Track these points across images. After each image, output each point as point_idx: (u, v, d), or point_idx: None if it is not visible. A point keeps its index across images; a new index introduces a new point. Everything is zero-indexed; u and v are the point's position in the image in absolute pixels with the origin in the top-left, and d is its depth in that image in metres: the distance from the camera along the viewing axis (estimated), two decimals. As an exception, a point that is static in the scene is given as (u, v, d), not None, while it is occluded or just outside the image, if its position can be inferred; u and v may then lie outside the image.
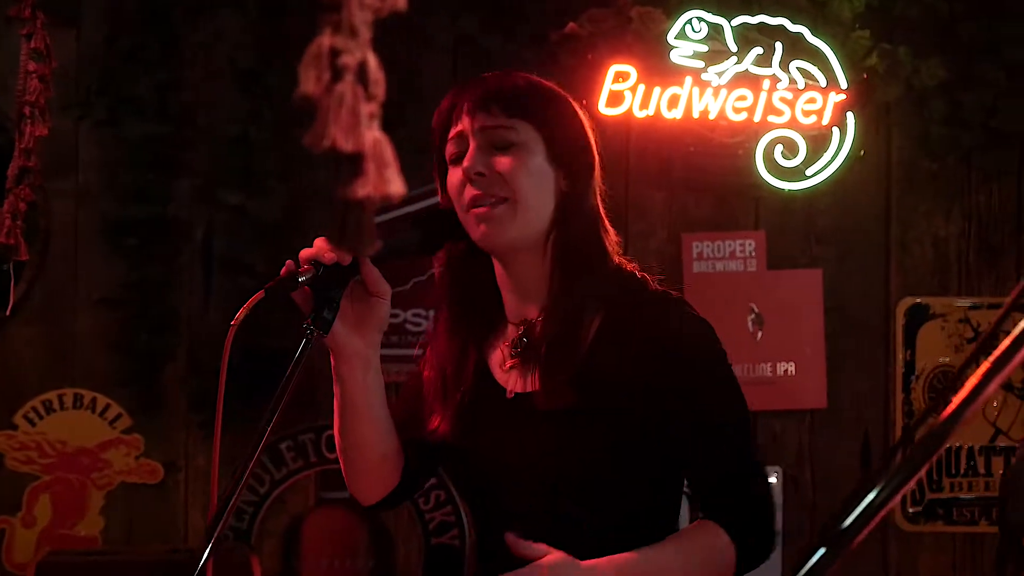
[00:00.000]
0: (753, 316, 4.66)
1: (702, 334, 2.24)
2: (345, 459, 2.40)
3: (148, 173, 4.69)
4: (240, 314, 2.02)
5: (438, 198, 2.33)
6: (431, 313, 4.73)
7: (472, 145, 2.23)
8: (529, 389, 2.26)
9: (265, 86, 4.64)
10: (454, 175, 2.26)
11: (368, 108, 1.02)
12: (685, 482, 2.29)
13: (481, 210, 2.21)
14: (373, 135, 1.02)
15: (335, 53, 0.98)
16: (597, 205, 2.31)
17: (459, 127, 2.26)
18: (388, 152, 1.03)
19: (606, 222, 2.32)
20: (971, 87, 4.61)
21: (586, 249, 2.25)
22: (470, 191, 2.22)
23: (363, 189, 1.01)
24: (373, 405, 2.31)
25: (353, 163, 1.01)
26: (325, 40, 0.98)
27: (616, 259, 2.31)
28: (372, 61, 1.01)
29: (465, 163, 2.22)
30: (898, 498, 1.20)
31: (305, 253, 2.13)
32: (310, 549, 4.74)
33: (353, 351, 2.23)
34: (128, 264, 4.72)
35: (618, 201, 4.56)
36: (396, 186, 1.03)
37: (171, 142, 4.71)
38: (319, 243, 2.12)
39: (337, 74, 0.99)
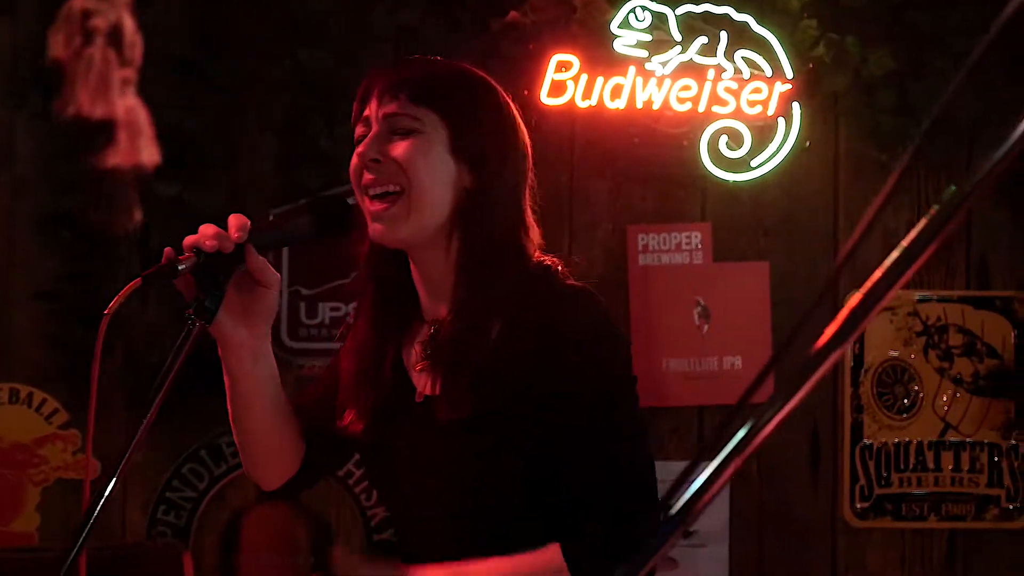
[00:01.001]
0: (699, 309, 4.60)
1: (598, 334, 2.15)
2: (240, 445, 2.36)
3: (85, 163, 4.61)
4: (114, 303, 1.98)
5: None
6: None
7: (374, 130, 2.18)
8: (435, 393, 2.20)
9: (203, 75, 4.57)
10: (353, 159, 2.20)
11: (122, 73, 0.95)
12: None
13: (376, 207, 2.16)
14: (127, 102, 0.95)
15: (86, 15, 0.91)
16: (514, 202, 2.23)
17: (367, 111, 2.21)
18: (142, 119, 0.96)
19: (528, 219, 2.25)
20: (920, 77, 4.55)
21: (493, 248, 2.18)
22: (365, 176, 2.17)
23: (114, 158, 0.94)
24: (263, 395, 2.26)
25: (103, 131, 0.94)
26: (76, 2, 0.91)
27: (536, 258, 2.23)
28: (128, 24, 0.94)
29: (361, 148, 2.17)
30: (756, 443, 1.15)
31: (187, 240, 2.07)
32: (249, 545, 4.67)
33: (239, 342, 2.17)
34: (64, 257, 4.64)
35: (562, 192, 4.57)
36: (149, 155, 0.95)
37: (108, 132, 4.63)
38: (202, 229, 2.06)
39: (88, 37, 0.92)
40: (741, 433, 1.16)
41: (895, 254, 1.12)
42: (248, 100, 4.65)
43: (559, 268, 2.23)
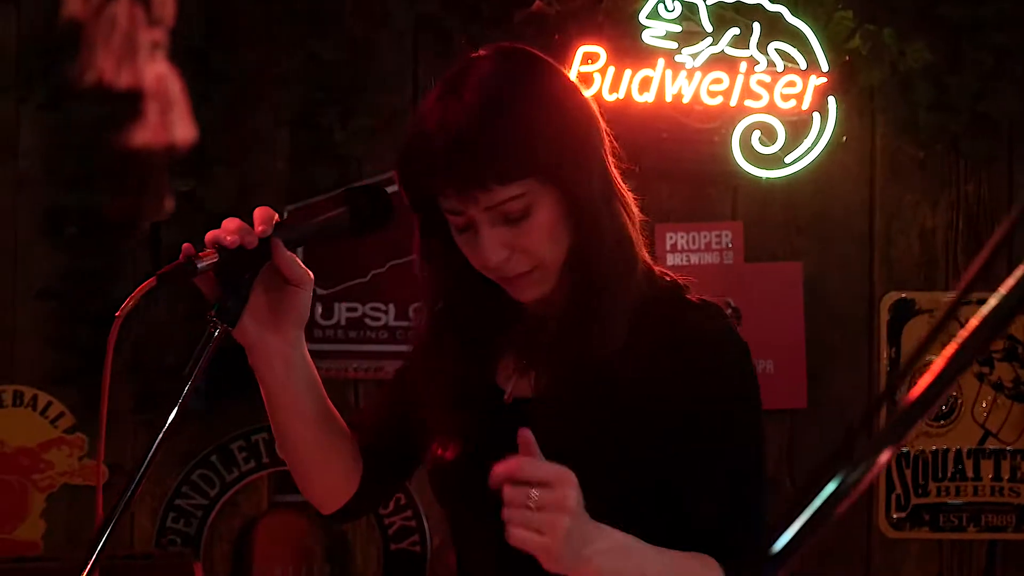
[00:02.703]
0: (730, 311, 4.43)
1: (731, 353, 1.97)
2: (288, 462, 2.16)
3: (91, 159, 4.47)
4: (127, 304, 1.79)
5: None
6: (390, 307, 4.56)
7: (483, 230, 1.91)
8: (529, 395, 2.02)
9: (214, 67, 4.41)
10: (462, 241, 1.97)
11: (151, 35, 0.77)
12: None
13: (512, 285, 1.97)
14: (156, 69, 0.78)
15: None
16: (611, 207, 1.99)
17: (455, 205, 1.92)
18: (175, 90, 0.78)
19: (628, 218, 2.02)
20: (958, 70, 4.39)
21: (606, 261, 1.97)
22: (491, 267, 1.95)
23: (142, 135, 0.77)
24: (302, 407, 2.06)
25: (129, 103, 0.76)
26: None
27: (645, 259, 2.04)
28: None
29: (481, 259, 1.93)
30: (859, 490, 1.04)
31: (209, 235, 1.88)
32: (262, 555, 4.52)
33: (269, 348, 1.99)
34: (70, 255, 4.48)
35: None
36: (183, 131, 0.78)
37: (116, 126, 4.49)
38: (225, 223, 1.88)
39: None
40: (831, 487, 1.04)
41: (992, 301, 1.02)
42: (260, 94, 4.49)
43: (679, 280, 2.04)
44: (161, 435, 1.80)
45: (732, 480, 1.94)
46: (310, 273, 1.97)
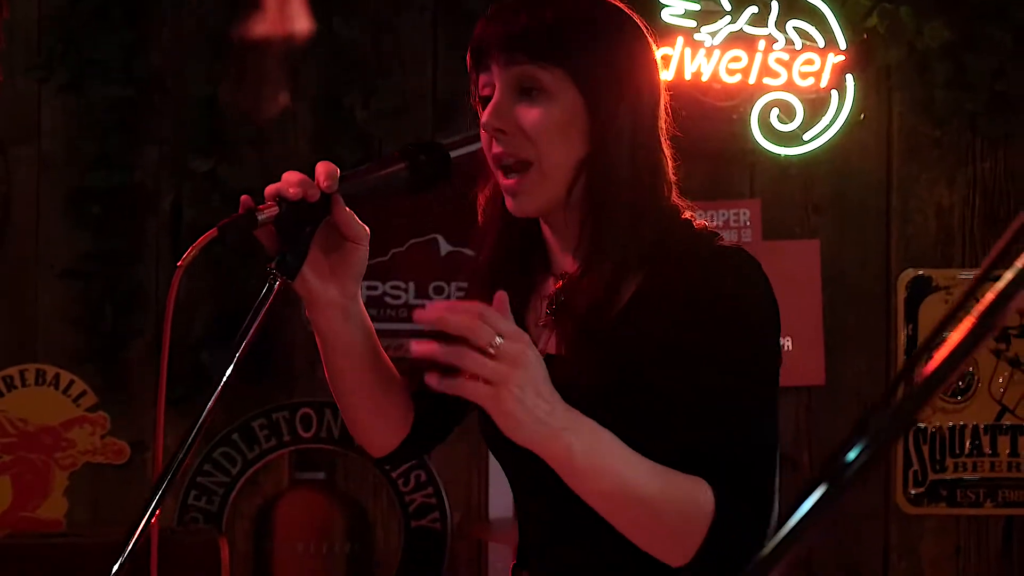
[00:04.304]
0: (748, 289, 4.45)
1: (747, 300, 1.92)
2: (341, 409, 2.20)
3: (114, 139, 4.49)
4: (189, 253, 1.78)
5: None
6: (411, 285, 4.58)
7: (497, 94, 1.97)
8: (556, 352, 2.01)
9: (236, 48, 4.43)
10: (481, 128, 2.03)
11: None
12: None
13: (507, 182, 1.97)
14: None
15: None
16: (649, 146, 2.02)
17: (486, 68, 1.99)
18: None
19: (664, 158, 2.05)
20: (976, 49, 4.40)
21: (626, 198, 1.96)
22: (494, 147, 1.98)
23: (262, 26, 0.78)
24: (358, 355, 2.09)
25: None
26: None
27: (672, 201, 2.05)
28: None
29: (484, 116, 1.97)
30: (880, 461, 1.05)
31: (269, 188, 1.90)
32: (284, 532, 4.55)
33: (328, 300, 2.02)
34: (93, 235, 4.50)
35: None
36: (301, 23, 0.79)
37: (138, 106, 4.51)
38: (286, 176, 1.90)
39: None
40: (849, 458, 1.05)
41: (1009, 275, 1.03)
42: (281, 73, 4.51)
43: (708, 226, 2.04)
44: (222, 384, 1.81)
45: (731, 407, 1.87)
46: (367, 229, 1.99)
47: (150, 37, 4.53)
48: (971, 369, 4.50)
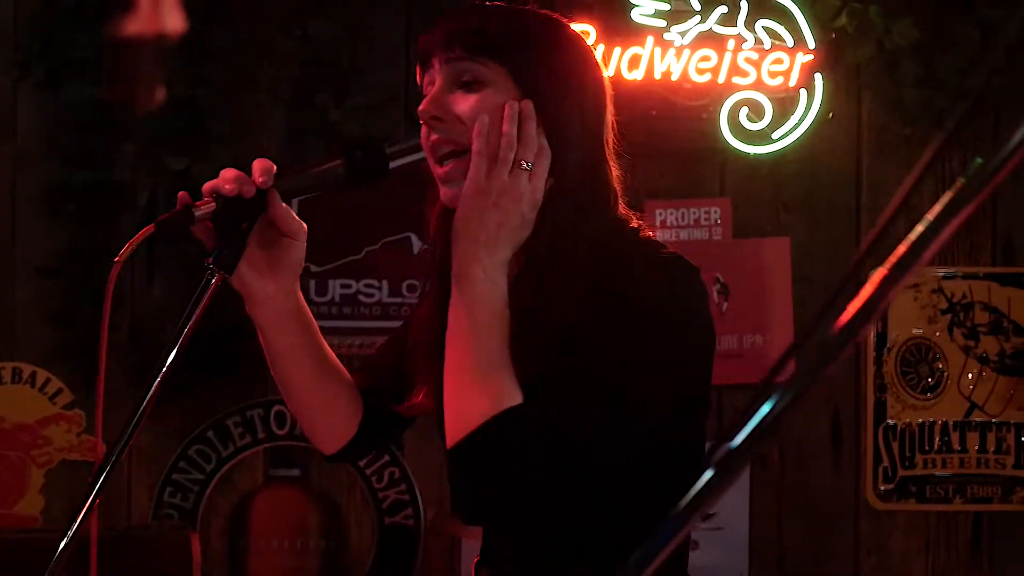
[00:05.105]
0: (719, 286, 4.49)
1: (676, 301, 1.94)
2: (287, 403, 2.25)
3: (90, 137, 4.51)
4: (126, 249, 1.86)
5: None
6: (384, 283, 4.61)
7: (436, 84, 2.01)
8: None
9: (209, 46, 4.46)
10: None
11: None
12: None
13: (440, 170, 2.00)
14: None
15: None
16: (591, 150, 2.03)
17: (430, 62, 2.03)
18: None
19: (608, 170, 2.06)
20: (945, 48, 4.44)
21: (566, 199, 1.98)
22: (431, 136, 2.01)
23: (134, 24, 0.82)
24: (300, 352, 2.14)
25: None
26: None
27: (618, 210, 2.05)
28: None
29: (421, 106, 2.00)
30: (789, 414, 1.09)
31: (207, 185, 1.95)
32: (259, 529, 4.58)
33: (266, 297, 2.06)
34: (69, 232, 4.53)
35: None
36: (173, 21, 0.83)
37: (113, 105, 4.53)
38: (223, 173, 1.94)
39: None
40: (763, 412, 1.09)
41: (920, 228, 1.07)
42: (256, 72, 4.54)
43: (650, 232, 2.05)
44: (159, 378, 1.86)
45: (612, 389, 1.88)
46: (304, 225, 2.03)
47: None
48: (940, 366, 4.54)
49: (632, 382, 1.89)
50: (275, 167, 1.96)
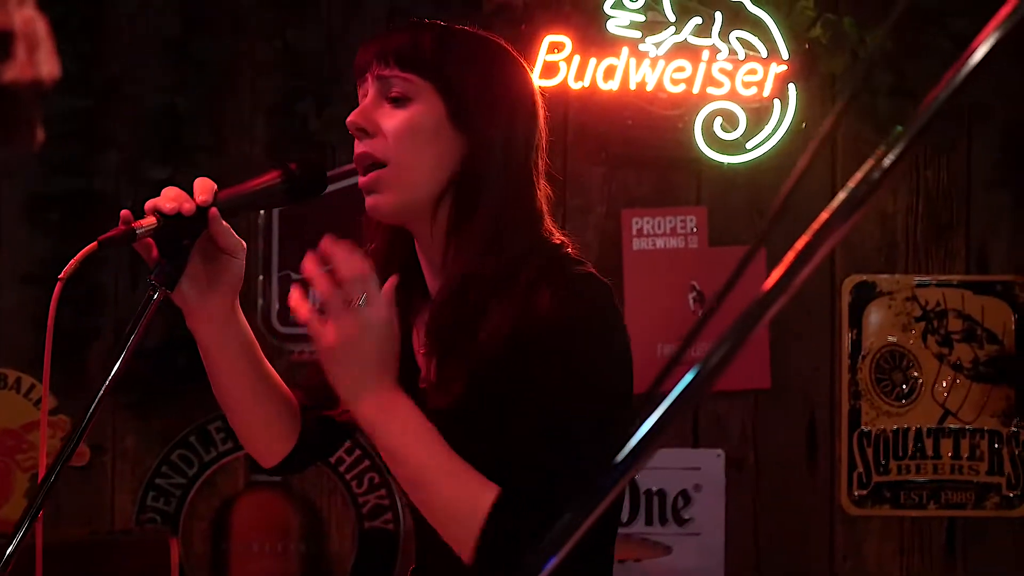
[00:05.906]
0: (694, 294, 4.54)
1: (584, 322, 1.96)
2: (228, 419, 2.27)
3: (73, 147, 4.57)
4: (69, 267, 1.91)
5: None
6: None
7: (368, 96, 2.05)
8: (431, 378, 2.07)
9: (192, 56, 4.52)
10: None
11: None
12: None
13: (362, 180, 2.04)
14: (24, 13, 0.89)
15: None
16: (519, 169, 2.06)
17: (363, 83, 2.07)
18: (41, 31, 0.90)
19: (535, 188, 2.08)
20: (918, 58, 4.48)
21: (487, 221, 2.01)
22: (358, 147, 2.05)
23: (11, 72, 0.88)
24: (240, 366, 2.16)
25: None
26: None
27: (547, 232, 2.07)
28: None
29: (350, 117, 2.05)
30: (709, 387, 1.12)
31: (149, 203, 1.99)
32: (240, 533, 4.63)
33: (206, 312, 2.10)
34: (52, 240, 4.58)
35: (555, 175, 4.49)
36: (49, 68, 0.90)
37: (96, 114, 4.59)
38: (164, 191, 1.99)
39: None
40: (688, 378, 1.11)
41: (842, 195, 1.09)
42: (237, 82, 4.61)
43: (569, 248, 2.07)
44: (104, 387, 1.91)
45: (544, 426, 1.92)
46: (243, 243, 2.08)
47: (107, 46, 4.62)
48: (915, 373, 4.58)
49: (572, 420, 1.94)
50: (215, 186, 2.01)
